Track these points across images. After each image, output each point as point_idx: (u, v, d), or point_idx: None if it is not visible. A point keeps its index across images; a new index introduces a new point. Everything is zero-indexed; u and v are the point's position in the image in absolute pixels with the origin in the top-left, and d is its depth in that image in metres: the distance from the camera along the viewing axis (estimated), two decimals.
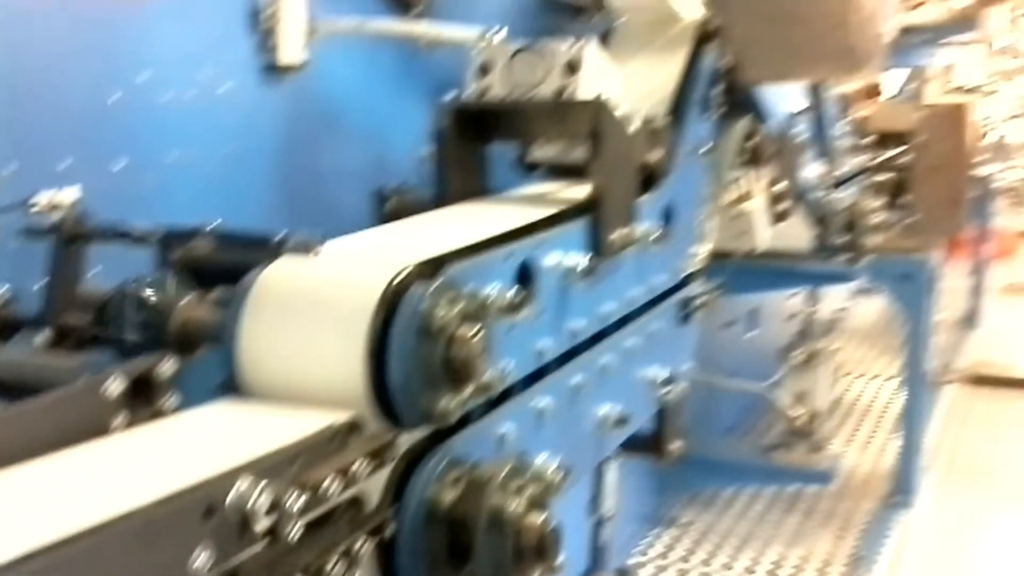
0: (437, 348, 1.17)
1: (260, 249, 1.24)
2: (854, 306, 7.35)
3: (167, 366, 1.14)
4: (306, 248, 1.18)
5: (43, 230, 1.29)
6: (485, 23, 2.47)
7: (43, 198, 1.39)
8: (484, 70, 1.72)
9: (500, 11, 2.61)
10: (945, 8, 5.76)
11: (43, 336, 1.29)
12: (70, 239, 1.27)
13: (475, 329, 1.19)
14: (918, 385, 4.23)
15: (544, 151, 1.90)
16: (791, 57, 1.93)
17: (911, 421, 4.25)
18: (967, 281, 7.85)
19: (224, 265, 1.36)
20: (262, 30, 1.81)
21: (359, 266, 1.26)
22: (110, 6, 1.53)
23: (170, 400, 1.13)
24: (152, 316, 1.33)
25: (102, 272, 1.38)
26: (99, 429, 1.01)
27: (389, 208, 2.15)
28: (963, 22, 6.22)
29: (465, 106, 1.71)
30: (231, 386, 1.25)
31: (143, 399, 1.10)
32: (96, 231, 1.28)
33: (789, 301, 5.00)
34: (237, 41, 1.79)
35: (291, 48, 1.85)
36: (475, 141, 1.76)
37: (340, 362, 1.18)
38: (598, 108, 1.55)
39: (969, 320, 7.57)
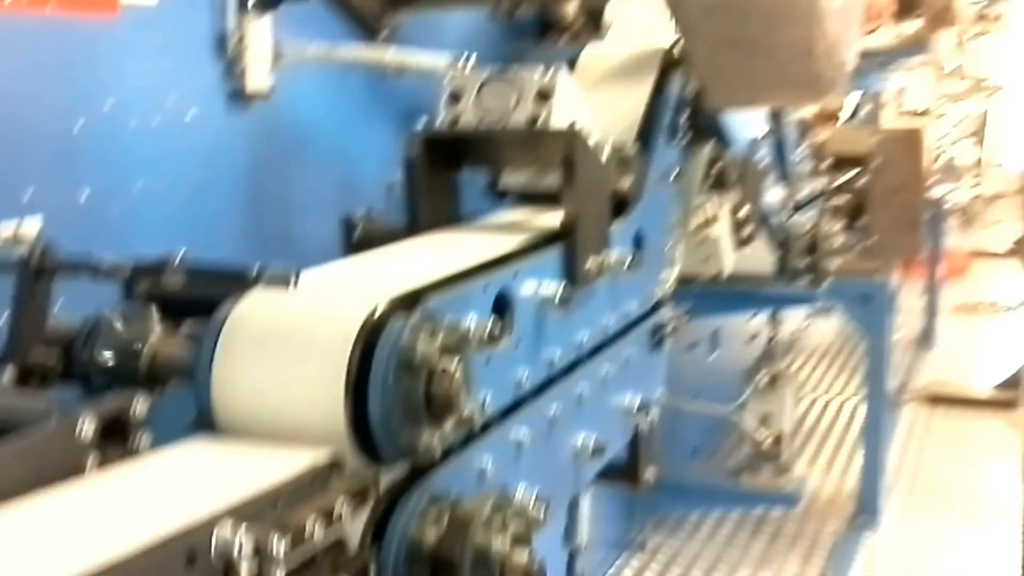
0: (418, 382, 1.15)
1: (235, 282, 1.22)
2: (810, 327, 7.43)
3: (140, 405, 1.11)
4: (283, 281, 1.15)
5: (8, 264, 1.25)
6: (450, 49, 2.48)
7: (6, 229, 1.35)
8: (455, 98, 1.71)
9: (465, 37, 2.61)
10: (896, 33, 5.88)
11: (8, 373, 1.24)
12: (37, 273, 1.23)
13: (456, 362, 1.17)
14: (879, 405, 4.27)
15: (515, 178, 1.89)
16: (758, 84, 1.94)
17: (873, 441, 4.28)
18: (921, 301, 7.96)
19: (195, 298, 1.33)
20: (229, 56, 1.79)
21: (336, 299, 1.23)
22: (74, 33, 1.50)
23: (143, 439, 1.10)
24: (121, 351, 1.30)
25: (64, 304, 1.34)
26: (73, 470, 0.98)
27: (357, 235, 2.14)
28: (914, 46, 6.35)
29: (436, 134, 1.69)
30: (204, 423, 1.22)
31: (116, 439, 1.07)
32: (64, 264, 1.25)
33: (749, 322, 5.04)
34: (203, 68, 1.76)
35: (258, 75, 1.83)
36: (446, 168, 1.75)
37: (318, 397, 1.15)
38: (572, 136, 1.55)
39: (924, 340, 7.67)
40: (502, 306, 1.41)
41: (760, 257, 3.35)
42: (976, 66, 10.19)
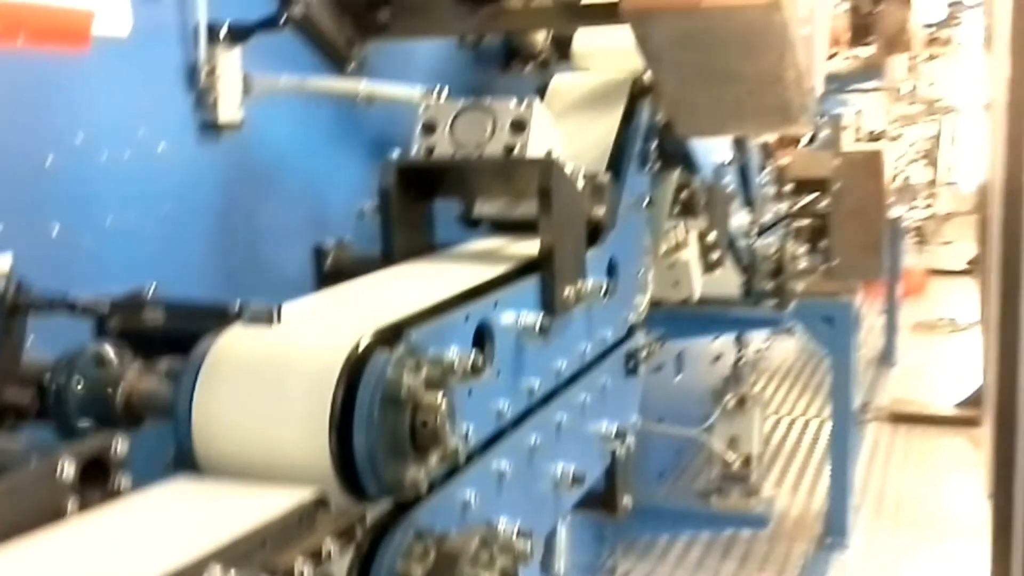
0: (403, 416, 1.15)
1: (215, 318, 1.20)
2: (771, 347, 7.49)
3: (120, 445, 1.09)
4: (266, 317, 1.14)
5: None
6: (418, 78, 2.48)
7: None
8: (429, 128, 1.71)
9: (432, 66, 2.62)
10: (852, 57, 5.99)
11: None
12: (10, 311, 1.21)
13: (441, 395, 1.17)
14: (845, 425, 4.31)
15: (488, 207, 1.89)
16: (728, 113, 1.96)
17: (840, 461, 4.31)
18: (880, 319, 8.06)
19: (172, 334, 1.31)
20: (199, 88, 1.78)
21: (318, 333, 1.23)
22: (46, 66, 1.48)
23: (124, 480, 1.08)
24: (97, 389, 1.27)
25: (34, 341, 1.32)
26: (53, 514, 0.96)
27: (329, 264, 2.13)
28: (870, 70, 6.48)
29: (411, 163, 1.69)
30: (184, 461, 1.21)
31: (96, 480, 1.05)
32: (39, 302, 1.22)
33: (712, 343, 5.07)
34: (175, 100, 1.75)
35: (229, 106, 1.82)
36: (421, 198, 1.74)
37: (302, 434, 1.14)
38: (548, 165, 1.55)
39: (885, 358, 7.76)
40: (482, 336, 1.41)
41: (727, 280, 3.38)
42: (928, 88, 10.40)
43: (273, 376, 1.18)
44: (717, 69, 1.83)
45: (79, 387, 1.26)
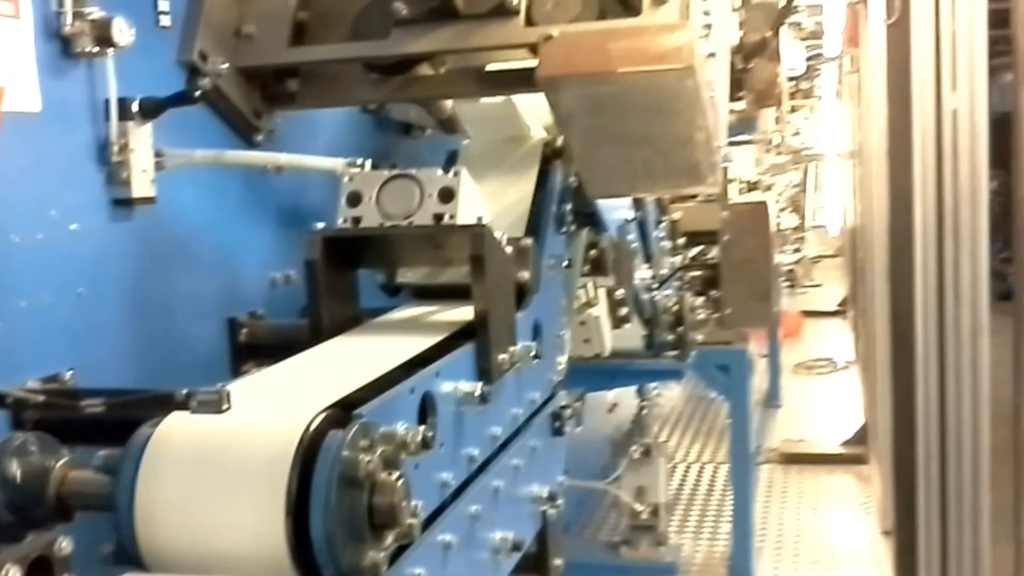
0: (361, 497, 1.13)
1: (159, 406, 1.16)
2: (661, 394, 7.63)
3: (64, 544, 1.04)
4: (216, 404, 1.11)
5: None
6: (322, 144, 2.47)
7: None
8: (354, 199, 1.70)
9: (338, 135, 2.61)
10: (729, 111, 6.22)
11: None
12: None
13: (398, 474, 1.15)
14: (745, 469, 4.41)
15: (412, 274, 1.89)
16: (638, 174, 2.00)
17: (741, 505, 4.41)
18: (763, 362, 8.32)
19: (104, 423, 1.26)
20: (111, 165, 1.73)
21: (265, 415, 1.20)
22: None
23: None
24: (24, 485, 1.21)
25: None
26: None
27: (244, 337, 2.08)
28: (743, 123, 6.76)
29: (338, 234, 1.67)
30: (126, 557, 1.15)
31: None
32: None
33: (607, 394, 5.13)
34: (86, 177, 1.69)
35: (141, 182, 1.78)
36: (347, 269, 1.73)
37: (256, 521, 1.11)
38: (480, 233, 1.56)
39: (770, 400, 8.00)
40: (425, 408, 1.40)
41: (628, 333, 3.44)
42: (793, 138, 10.90)
43: (221, 462, 1.14)
44: (629, 132, 1.88)
45: (3, 484, 1.20)
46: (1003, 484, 3.07)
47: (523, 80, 1.89)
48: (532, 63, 1.74)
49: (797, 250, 14.44)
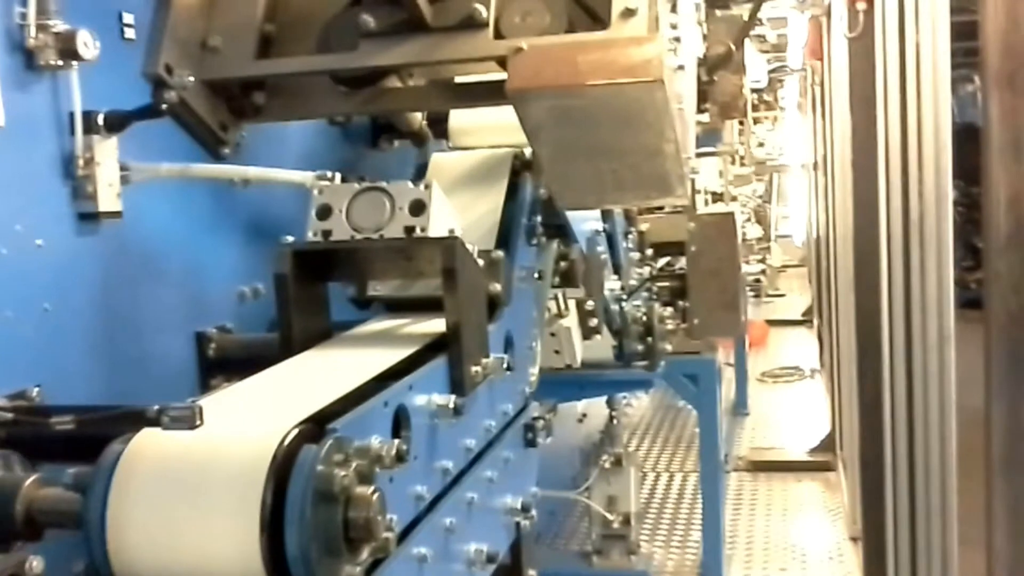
0: (336, 512, 1.12)
1: (130, 422, 1.14)
2: (630, 403, 7.66)
3: (36, 563, 1.02)
4: (189, 420, 1.09)
5: None
6: (289, 156, 2.46)
7: None
8: (324, 212, 1.69)
9: (302, 144, 2.60)
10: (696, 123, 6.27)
11: None
12: None
13: (373, 488, 1.15)
14: (715, 478, 4.43)
15: (383, 287, 1.88)
16: (607, 186, 2.01)
17: (712, 513, 4.42)
18: (730, 371, 8.37)
19: (77, 440, 1.24)
20: (77, 179, 1.71)
21: (239, 430, 1.18)
22: None
23: None
24: None
25: None
26: None
27: (213, 351, 2.06)
28: (708, 135, 6.81)
29: (309, 247, 1.67)
30: (96, 575, 1.14)
31: None
32: None
33: (577, 403, 5.14)
34: (52, 191, 1.67)
35: (107, 196, 1.76)
36: (317, 282, 1.72)
37: (230, 538, 1.10)
38: (452, 246, 1.56)
39: (737, 408, 8.05)
40: (399, 421, 1.39)
41: (597, 343, 3.45)
42: (757, 149, 11.01)
43: (194, 479, 1.13)
44: (599, 144, 1.88)
45: None
46: (971, 489, 3.11)
47: (492, 92, 1.89)
48: (501, 76, 1.75)
49: (762, 260, 14.60)
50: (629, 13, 1.73)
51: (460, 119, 2.37)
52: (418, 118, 2.38)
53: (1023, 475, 2.40)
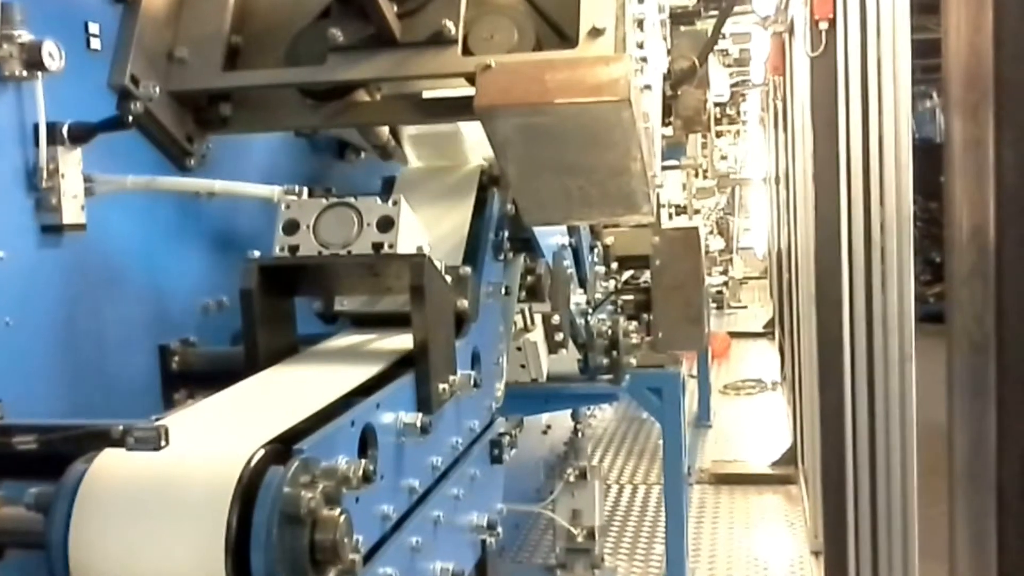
0: (302, 535, 1.11)
1: (94, 441, 1.13)
2: (593, 415, 7.68)
3: None
4: (154, 441, 1.08)
5: None
6: (254, 168, 2.45)
7: None
8: (292, 226, 1.68)
9: (271, 159, 2.59)
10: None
11: None
12: None
13: (340, 510, 1.14)
14: (678, 491, 4.45)
15: (349, 302, 1.87)
16: (574, 202, 2.01)
17: (675, 526, 4.44)
18: (692, 383, 8.42)
19: (40, 458, 1.22)
20: (41, 191, 1.69)
21: (204, 450, 1.17)
22: None
23: None
24: None
25: None
26: None
27: (176, 364, 2.04)
28: (672, 148, 6.86)
29: (276, 262, 1.66)
30: None
31: None
32: None
33: (542, 416, 5.15)
34: (15, 204, 1.65)
35: (71, 207, 1.74)
36: (284, 297, 1.71)
37: (195, 560, 1.09)
38: (420, 262, 1.56)
39: (700, 420, 8.10)
40: (365, 440, 1.39)
41: (563, 357, 3.46)
42: (720, 162, 11.11)
43: (159, 500, 1.12)
44: (566, 161, 1.89)
45: None
46: (934, 502, 3.15)
47: (460, 108, 1.89)
48: (469, 92, 1.75)
49: (724, 272, 14.72)
50: (597, 32, 1.74)
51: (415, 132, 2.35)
52: (385, 131, 2.37)
53: (984, 489, 2.43)
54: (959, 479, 2.32)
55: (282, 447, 1.18)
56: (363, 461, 1.24)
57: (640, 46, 2.04)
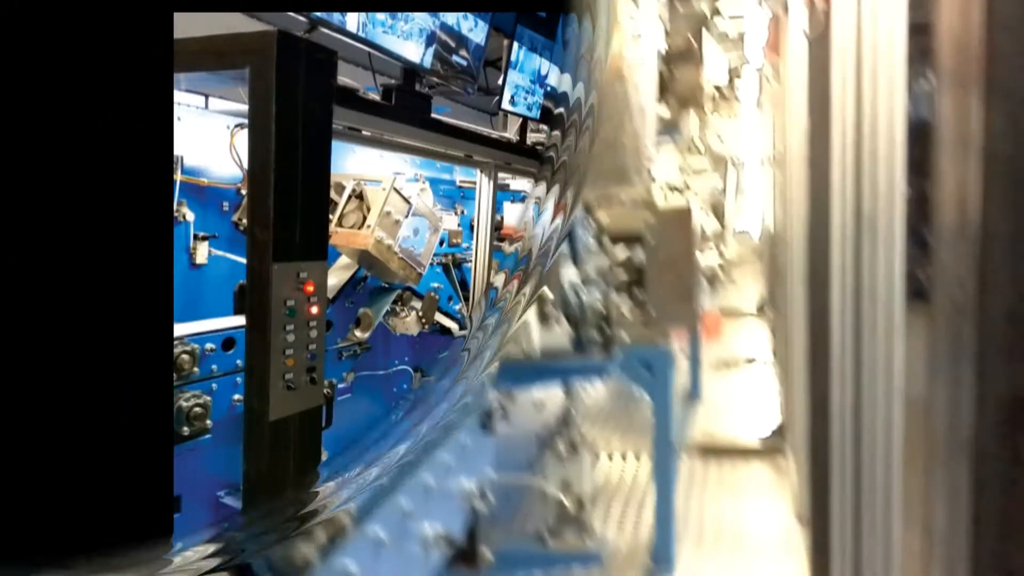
0: None
1: None
2: (585, 389, 7.74)
3: None
4: None
5: None
6: None
7: None
8: None
9: None
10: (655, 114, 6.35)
11: None
12: None
13: None
14: (667, 462, 4.52)
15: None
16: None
17: (663, 496, 4.51)
18: (684, 358, 8.48)
19: None
20: None
21: None
22: None
23: None
24: None
25: None
26: None
27: None
28: (667, 127, 6.89)
29: None
30: None
31: None
32: None
33: (534, 389, 5.20)
34: None
35: None
36: None
37: None
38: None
39: (691, 394, 8.17)
40: None
41: (556, 332, 3.52)
42: (716, 142, 11.14)
43: None
44: None
45: None
46: (917, 473, 3.21)
47: None
48: None
49: (717, 251, 14.73)
50: None
51: None
52: None
53: (963, 460, 2.49)
54: (938, 446, 2.38)
55: None
56: None
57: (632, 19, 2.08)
